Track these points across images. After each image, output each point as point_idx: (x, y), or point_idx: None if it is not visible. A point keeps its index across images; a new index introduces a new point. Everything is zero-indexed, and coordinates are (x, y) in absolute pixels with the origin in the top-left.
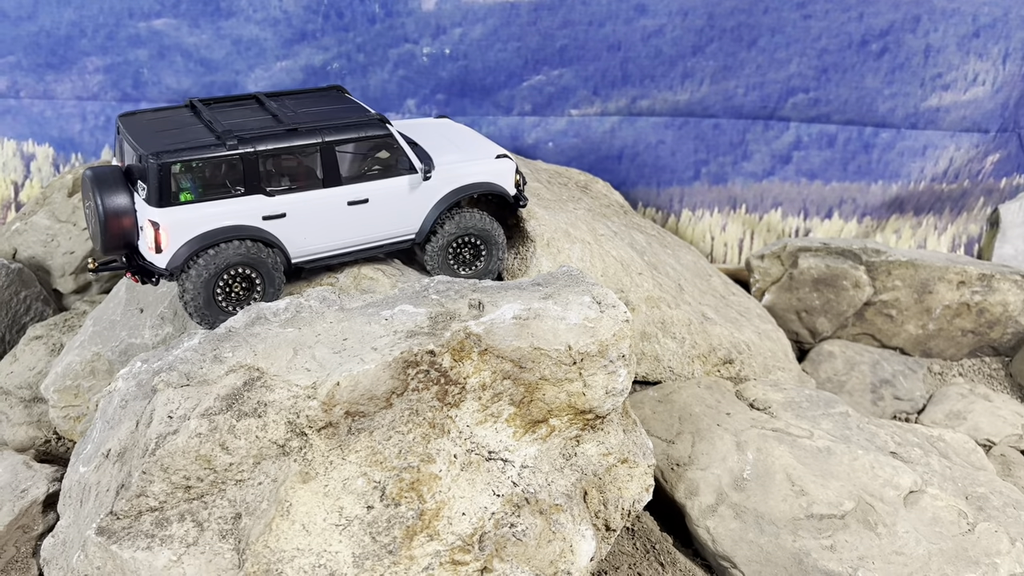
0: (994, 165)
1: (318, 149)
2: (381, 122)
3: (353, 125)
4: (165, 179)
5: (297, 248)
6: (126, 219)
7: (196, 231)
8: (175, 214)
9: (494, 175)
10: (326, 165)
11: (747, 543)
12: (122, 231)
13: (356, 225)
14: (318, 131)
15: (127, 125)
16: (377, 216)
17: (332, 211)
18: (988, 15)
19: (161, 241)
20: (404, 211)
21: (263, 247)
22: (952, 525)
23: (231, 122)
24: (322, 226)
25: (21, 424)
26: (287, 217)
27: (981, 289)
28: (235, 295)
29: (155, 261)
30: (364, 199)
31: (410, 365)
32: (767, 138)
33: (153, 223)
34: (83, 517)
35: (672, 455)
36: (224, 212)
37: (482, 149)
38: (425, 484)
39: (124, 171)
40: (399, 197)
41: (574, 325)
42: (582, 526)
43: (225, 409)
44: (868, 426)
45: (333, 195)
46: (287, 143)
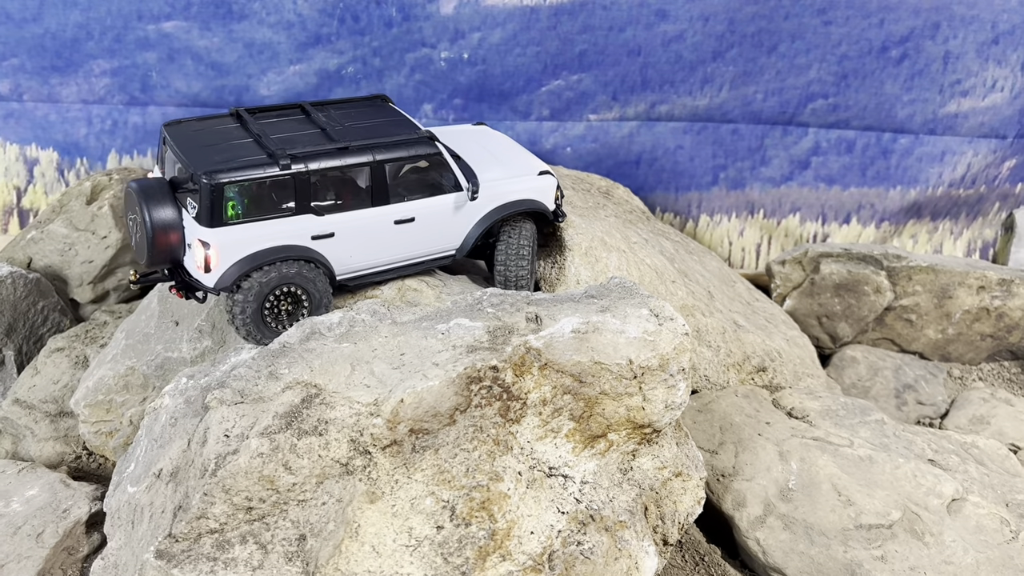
0: (1010, 171)
1: (368, 168)
2: (430, 140)
3: (403, 143)
4: (217, 199)
5: (342, 266)
6: (173, 234)
7: (246, 251)
8: (226, 234)
9: (536, 192)
10: (375, 183)
11: (798, 554)
12: (169, 246)
13: (401, 243)
14: (369, 149)
15: (173, 136)
16: (422, 234)
17: (379, 230)
18: (1007, 22)
19: (211, 261)
20: (448, 228)
21: (312, 267)
22: (996, 533)
23: (279, 136)
24: (368, 245)
25: (48, 439)
26: (335, 236)
27: (1000, 294)
28: (282, 313)
29: (203, 280)
30: (411, 218)
31: (473, 381)
32: (786, 143)
33: (203, 243)
34: (136, 539)
35: (716, 466)
36: (274, 232)
37: (524, 164)
38: (496, 503)
39: (169, 183)
40: (444, 215)
41: (634, 339)
42: (645, 542)
43: (285, 427)
44: (904, 433)
45: (381, 214)
46: (339, 161)
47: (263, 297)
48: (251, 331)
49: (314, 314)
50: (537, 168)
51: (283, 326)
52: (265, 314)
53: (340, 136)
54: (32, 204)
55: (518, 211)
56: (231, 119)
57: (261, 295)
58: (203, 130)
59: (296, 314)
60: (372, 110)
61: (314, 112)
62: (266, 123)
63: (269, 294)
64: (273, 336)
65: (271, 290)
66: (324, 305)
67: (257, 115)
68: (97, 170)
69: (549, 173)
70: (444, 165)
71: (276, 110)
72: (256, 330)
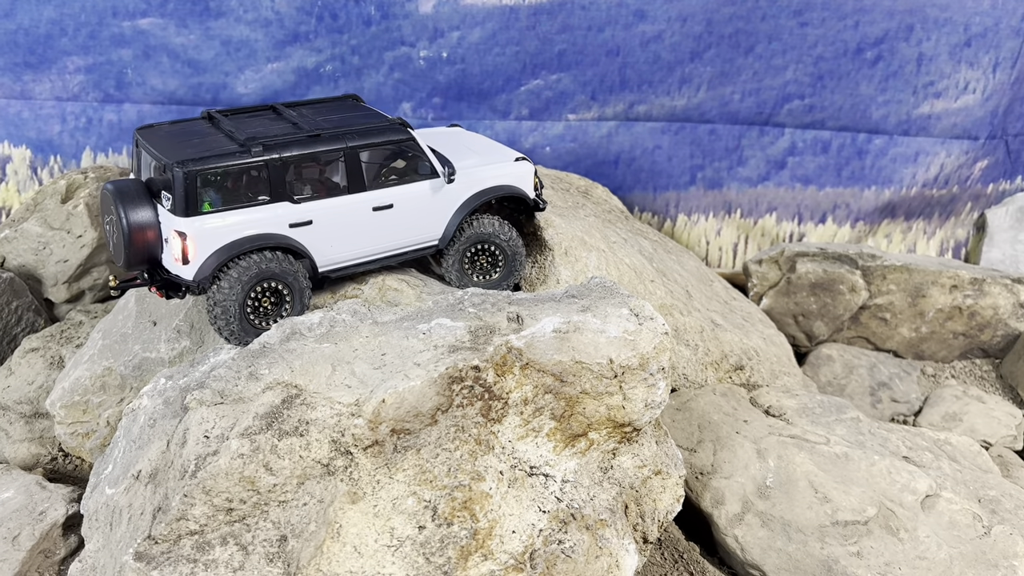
0: (982, 171)
1: (342, 155)
2: (402, 126)
3: (375, 130)
4: (192, 187)
5: (324, 256)
6: (150, 232)
7: (224, 240)
8: (202, 223)
9: (514, 178)
10: (350, 171)
11: (776, 551)
12: (147, 245)
13: (381, 231)
14: (341, 136)
15: (146, 137)
16: (401, 222)
17: (357, 217)
18: (980, 25)
19: (188, 252)
20: (427, 216)
21: (292, 259)
22: (968, 529)
23: (252, 131)
24: (348, 233)
25: (23, 441)
26: (313, 224)
27: (973, 293)
28: (264, 310)
29: (182, 273)
30: (389, 204)
31: (455, 381)
32: (762, 144)
33: (180, 233)
34: (115, 541)
35: (695, 464)
36: (251, 220)
37: (500, 153)
38: (477, 502)
39: (145, 184)
40: (422, 202)
41: (614, 338)
42: (625, 540)
43: (265, 428)
44: (879, 431)
45: (358, 201)
46: (311, 149)
47: (245, 294)
48: (234, 330)
49: (296, 311)
50: (512, 156)
51: (266, 323)
52: (248, 311)
53: (312, 128)
54: (4, 202)
55: (497, 196)
56: (203, 120)
57: (243, 292)
58: (175, 131)
59: (278, 311)
60: (343, 107)
61: (285, 111)
62: (238, 121)
63: (251, 290)
64: (256, 335)
65: (252, 286)
66: (306, 300)
67: (229, 116)
68: (71, 168)
69: (525, 159)
70: (418, 151)
71: (248, 111)
72: (239, 328)
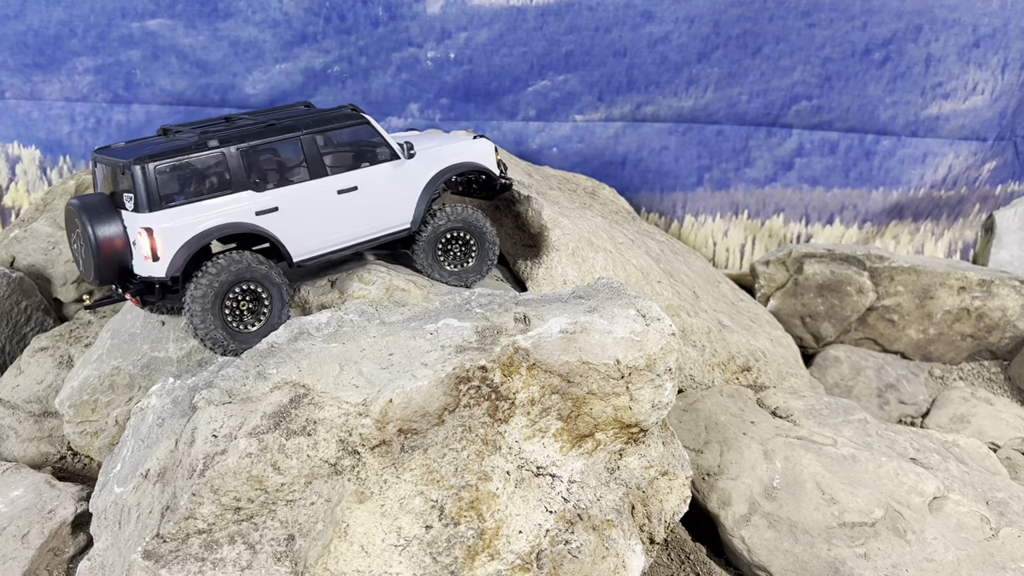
0: (991, 172)
1: (299, 142)
2: (355, 111)
3: (329, 116)
4: (152, 183)
5: (297, 245)
6: (118, 241)
7: (191, 232)
8: (167, 217)
9: (475, 154)
10: (310, 157)
11: (782, 552)
12: (116, 255)
13: (350, 216)
14: (295, 125)
15: (105, 154)
16: (368, 205)
17: (323, 201)
18: (988, 26)
19: (157, 247)
20: (394, 198)
21: (262, 258)
22: (976, 531)
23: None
24: (316, 219)
25: (32, 439)
26: (280, 211)
27: (981, 294)
28: (244, 313)
29: (153, 272)
30: (353, 186)
31: (462, 381)
32: (770, 144)
33: (146, 229)
34: (123, 540)
35: (702, 465)
36: (216, 210)
37: (457, 137)
38: (484, 502)
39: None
40: (387, 183)
41: (621, 339)
42: (632, 541)
43: (273, 427)
44: (887, 432)
45: (321, 185)
46: (267, 138)
47: (222, 297)
48: (217, 338)
49: (278, 312)
50: (471, 136)
51: (247, 327)
52: (227, 316)
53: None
54: (14, 202)
55: (461, 172)
56: (159, 135)
57: (217, 297)
58: (132, 145)
59: (258, 313)
60: (297, 111)
61: (240, 118)
62: (195, 129)
63: (227, 293)
64: (238, 339)
65: (228, 289)
66: (286, 299)
67: (185, 128)
68: (81, 168)
69: (484, 137)
70: (374, 133)
71: (204, 122)
72: (220, 335)
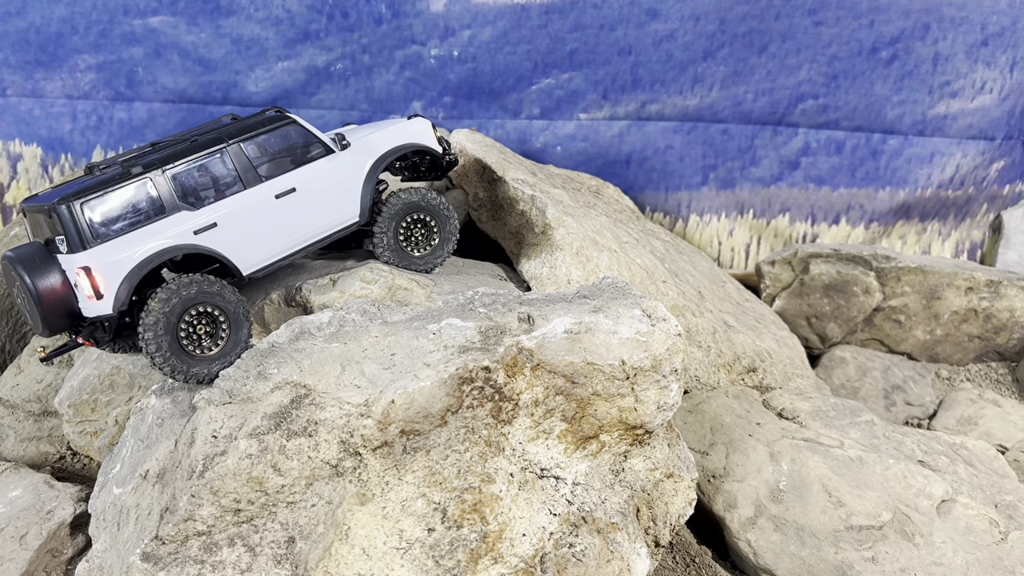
0: (999, 172)
1: (226, 153)
2: (279, 111)
3: (253, 123)
4: (80, 220)
5: (243, 258)
6: (60, 287)
7: (130, 264)
8: (102, 252)
9: (413, 135)
10: (241, 167)
11: (789, 556)
12: (59, 302)
13: (293, 219)
14: (219, 138)
15: (30, 203)
16: (311, 205)
17: (262, 208)
18: (996, 24)
19: (98, 284)
20: (336, 193)
21: (213, 279)
22: (985, 534)
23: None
24: (258, 228)
25: (31, 439)
26: (219, 226)
27: (988, 295)
28: (201, 337)
29: (100, 311)
30: (291, 188)
31: (465, 382)
32: (775, 143)
33: (84, 268)
34: (122, 542)
35: (707, 467)
36: (152, 237)
37: (392, 121)
38: (488, 505)
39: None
40: (326, 179)
41: (626, 339)
42: (637, 544)
43: (274, 428)
44: (894, 434)
45: (257, 193)
46: (192, 155)
47: (175, 324)
48: (175, 365)
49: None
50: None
51: (205, 349)
52: (183, 343)
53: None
54: (15, 200)
55: (401, 154)
56: (84, 173)
57: (170, 326)
58: (59, 187)
59: (216, 334)
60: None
61: (163, 143)
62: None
63: (179, 322)
64: (198, 363)
65: (181, 315)
66: (243, 318)
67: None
68: (81, 166)
69: (419, 116)
70: (303, 131)
71: (128, 154)
72: (179, 362)
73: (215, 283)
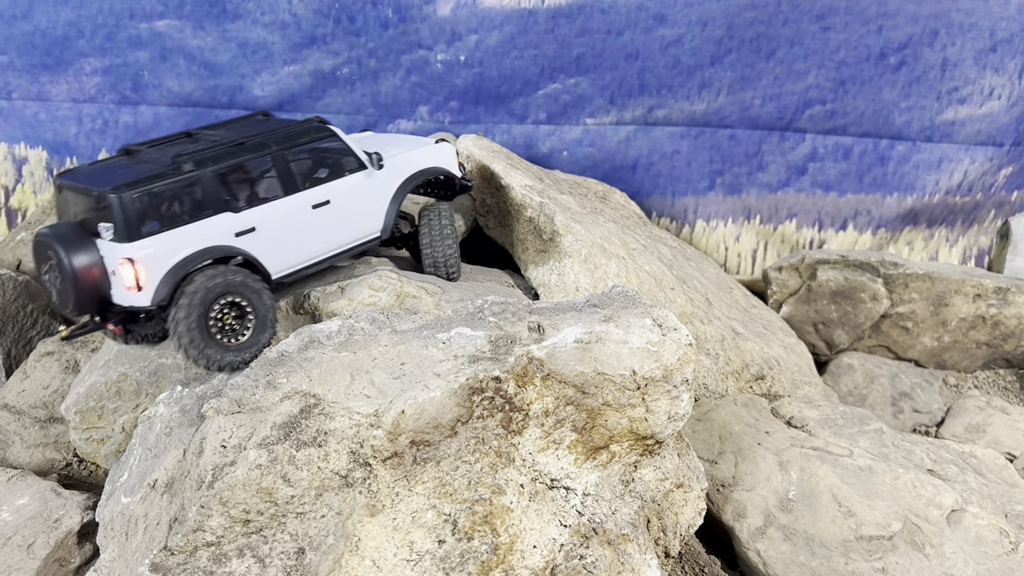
0: (1007, 178)
1: (271, 159)
2: (322, 124)
3: (298, 131)
4: (131, 212)
5: (274, 263)
6: (96, 270)
7: (173, 259)
8: (149, 246)
9: (440, 159)
10: (282, 174)
11: (799, 566)
12: (94, 285)
13: (324, 230)
14: (266, 142)
15: (71, 179)
16: (341, 218)
17: (298, 217)
18: (1005, 30)
19: (140, 277)
20: (365, 208)
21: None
22: (995, 545)
23: (172, 153)
24: (292, 235)
25: (37, 446)
26: (257, 231)
27: (997, 302)
28: (229, 327)
29: (136, 302)
30: (326, 200)
31: (476, 392)
32: (783, 149)
33: (128, 260)
34: (130, 552)
35: (716, 476)
36: (196, 235)
37: (419, 141)
38: (498, 517)
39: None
40: (358, 194)
41: (637, 349)
42: (647, 555)
43: (283, 438)
44: (903, 443)
45: (296, 201)
46: (240, 158)
47: (205, 315)
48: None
49: (260, 320)
50: (432, 141)
51: (232, 340)
52: (212, 330)
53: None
54: (21, 204)
55: (428, 177)
56: (123, 156)
57: (204, 313)
58: (98, 168)
59: (242, 328)
60: (256, 123)
61: (201, 133)
62: (158, 149)
63: (212, 305)
64: (225, 352)
65: (210, 305)
66: (268, 310)
67: (147, 147)
68: None
69: (446, 140)
70: (343, 145)
71: (164, 140)
72: (211, 350)
73: (239, 271)
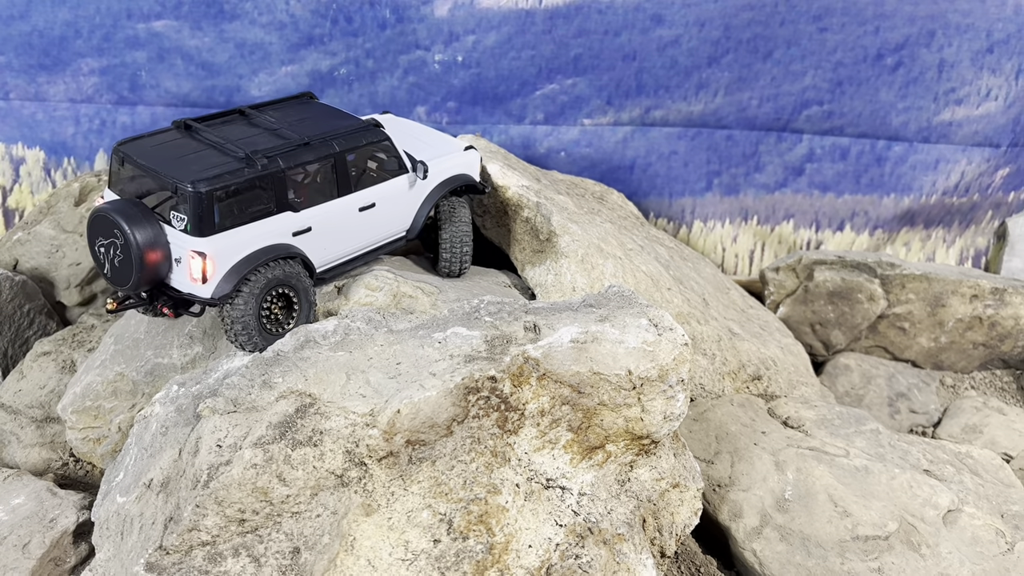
0: (1004, 179)
1: (332, 160)
2: (378, 126)
3: (357, 133)
4: (208, 207)
5: (318, 259)
6: (160, 251)
7: (239, 256)
8: (219, 242)
9: (467, 167)
10: (339, 175)
11: (795, 566)
12: (157, 265)
13: (364, 230)
14: (329, 141)
15: (134, 153)
16: (381, 219)
17: (347, 219)
18: (1002, 31)
19: (207, 271)
20: (402, 211)
21: (299, 265)
22: (991, 545)
23: (238, 139)
24: (339, 235)
25: (33, 446)
26: (312, 231)
27: (993, 303)
28: (276, 317)
29: (197, 292)
30: (371, 204)
31: (471, 391)
32: (780, 150)
33: (199, 253)
34: (126, 551)
35: (712, 476)
36: (261, 233)
37: (448, 143)
38: (494, 516)
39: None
40: (398, 198)
41: (633, 349)
42: (643, 555)
43: (279, 438)
44: (899, 443)
45: (347, 203)
46: (306, 157)
47: (259, 305)
48: (255, 340)
49: (304, 314)
50: (460, 145)
51: (279, 329)
52: (264, 321)
53: (292, 134)
54: (18, 204)
55: (456, 185)
56: (180, 131)
57: (257, 303)
58: (161, 144)
59: (288, 317)
60: (304, 107)
61: (255, 115)
62: (218, 131)
63: (264, 296)
64: (271, 341)
65: (266, 293)
66: (312, 303)
67: (204, 124)
68: (85, 170)
69: (473, 148)
70: (394, 151)
71: (218, 117)
72: (260, 337)
73: (289, 263)
